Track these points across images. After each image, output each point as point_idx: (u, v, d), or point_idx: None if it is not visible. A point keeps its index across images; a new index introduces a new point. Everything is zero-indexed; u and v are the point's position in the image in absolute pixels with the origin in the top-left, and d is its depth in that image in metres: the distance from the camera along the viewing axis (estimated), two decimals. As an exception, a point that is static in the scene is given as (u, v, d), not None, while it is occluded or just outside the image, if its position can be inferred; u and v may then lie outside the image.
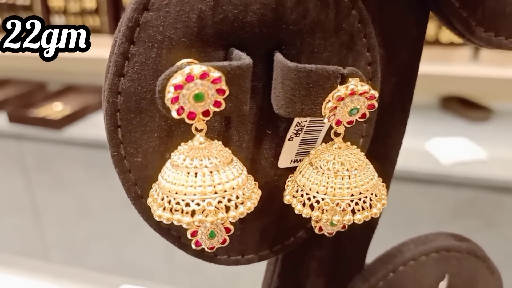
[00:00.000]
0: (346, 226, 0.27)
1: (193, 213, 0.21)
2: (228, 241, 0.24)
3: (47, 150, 1.38)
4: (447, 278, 0.33)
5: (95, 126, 1.37)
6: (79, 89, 1.61)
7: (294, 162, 0.27)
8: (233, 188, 0.22)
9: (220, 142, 0.23)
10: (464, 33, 0.28)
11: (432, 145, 1.13)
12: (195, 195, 0.21)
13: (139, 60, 0.23)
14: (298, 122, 0.26)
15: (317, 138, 0.27)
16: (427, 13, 0.29)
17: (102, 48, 0.99)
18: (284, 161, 0.27)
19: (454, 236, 0.34)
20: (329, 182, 0.24)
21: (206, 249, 0.24)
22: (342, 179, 0.24)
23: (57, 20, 1.51)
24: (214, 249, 0.24)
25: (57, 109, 1.46)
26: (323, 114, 0.23)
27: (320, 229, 0.27)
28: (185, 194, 0.21)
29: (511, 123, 1.28)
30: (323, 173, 0.24)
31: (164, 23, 0.22)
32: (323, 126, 0.26)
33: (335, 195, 0.24)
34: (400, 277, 0.33)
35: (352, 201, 0.24)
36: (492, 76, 1.22)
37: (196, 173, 0.21)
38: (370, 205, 0.24)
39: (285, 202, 0.25)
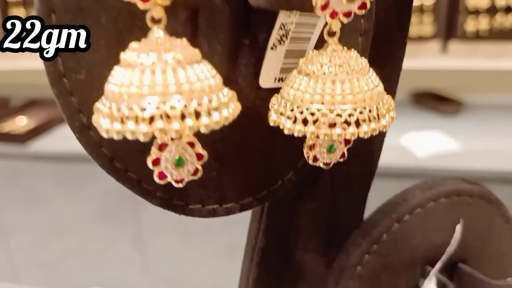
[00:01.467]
0: (346, 154, 0.22)
1: (151, 121, 0.16)
2: (200, 172, 0.19)
3: (13, 166, 1.33)
4: (462, 223, 0.28)
5: (62, 139, 1.32)
6: (43, 102, 1.55)
7: (278, 80, 0.22)
8: (204, 91, 0.17)
9: (184, 39, 0.18)
10: None
11: (407, 140, 1.15)
12: (153, 96, 0.16)
13: None
14: (283, 24, 0.21)
15: (305, 49, 0.22)
16: None
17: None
18: (266, 79, 0.22)
19: (463, 179, 0.30)
20: (326, 89, 0.19)
21: (173, 183, 0.19)
22: (342, 84, 0.19)
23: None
24: (184, 182, 0.19)
25: (21, 123, 1.40)
26: (314, 4, 0.18)
27: (315, 158, 0.22)
28: (140, 97, 0.16)
29: (482, 115, 1.30)
30: (317, 79, 0.19)
31: None
32: (312, 32, 0.22)
33: (334, 104, 0.19)
34: (406, 228, 0.28)
35: (355, 109, 0.19)
36: (462, 68, 1.21)
37: (153, 71, 0.16)
38: (378, 115, 0.19)
39: (271, 123, 0.20)
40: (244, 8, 0.20)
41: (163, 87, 0.16)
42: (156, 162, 0.19)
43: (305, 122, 0.19)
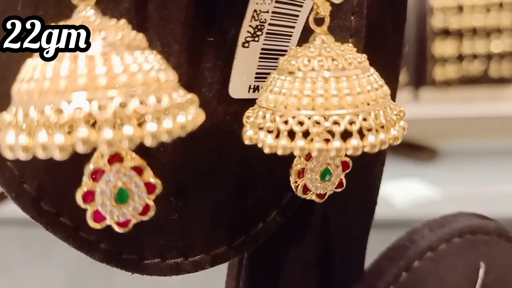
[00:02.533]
0: (344, 181, 0.17)
1: (71, 127, 0.11)
2: (153, 209, 0.14)
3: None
4: (483, 269, 0.23)
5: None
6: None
7: (254, 90, 0.17)
8: (150, 86, 0.12)
9: (123, 20, 0.13)
10: None
11: (385, 189, 1.14)
12: (76, 92, 0.11)
13: None
14: (256, 11, 0.16)
15: (286, 47, 0.17)
16: None
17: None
18: (238, 87, 0.17)
19: (476, 214, 0.25)
20: (317, 89, 0.14)
21: (115, 227, 0.14)
22: (338, 81, 0.14)
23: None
24: (130, 225, 0.14)
25: (-17, 188, 1.32)
26: None
27: (305, 189, 0.17)
28: (56, 94, 0.11)
29: (457, 161, 1.31)
30: (305, 78, 0.14)
31: None
32: (294, 25, 0.17)
33: (328, 108, 0.14)
34: (416, 276, 0.23)
35: (357, 115, 0.14)
36: (433, 115, 1.23)
37: (75, 57, 0.11)
38: (386, 123, 0.15)
39: (246, 142, 0.15)
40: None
41: (88, 78, 0.11)
42: (89, 196, 0.13)
43: (291, 135, 0.14)
